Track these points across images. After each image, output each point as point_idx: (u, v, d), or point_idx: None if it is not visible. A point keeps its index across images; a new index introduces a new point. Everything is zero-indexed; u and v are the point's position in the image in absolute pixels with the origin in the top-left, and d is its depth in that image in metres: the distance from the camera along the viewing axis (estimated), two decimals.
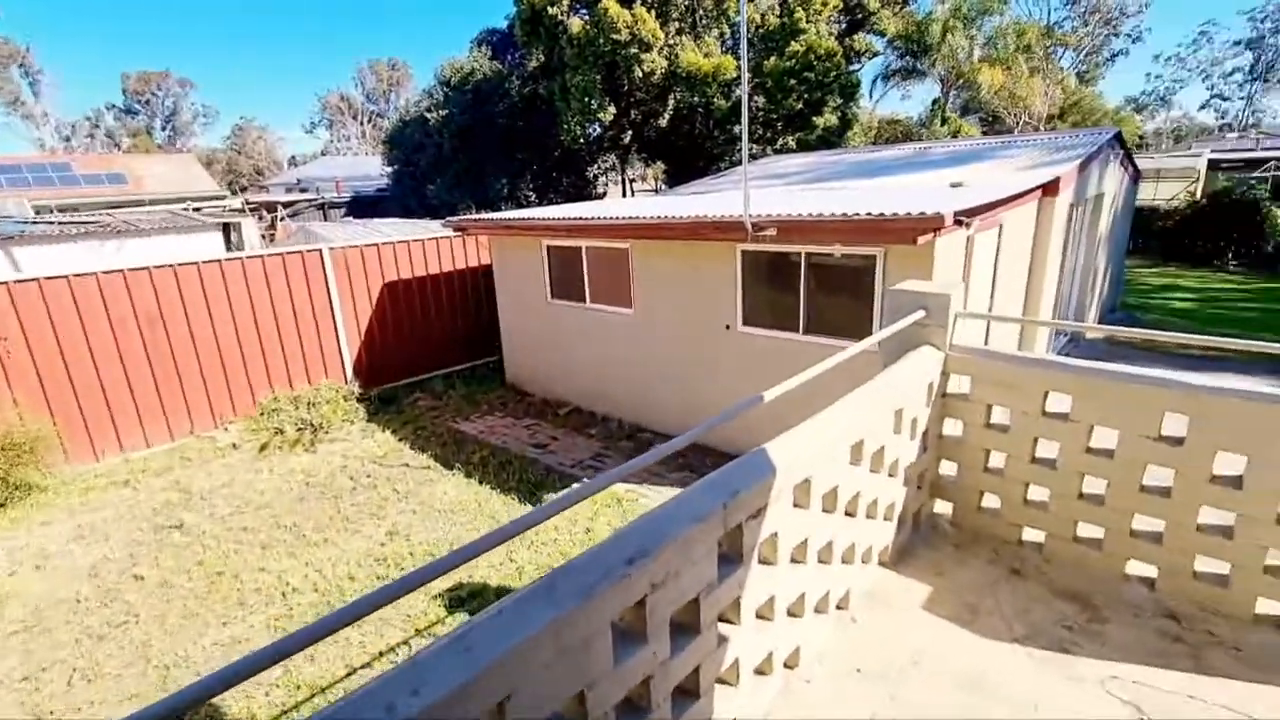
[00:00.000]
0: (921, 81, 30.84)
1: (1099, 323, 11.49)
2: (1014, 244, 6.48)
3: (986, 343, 6.34)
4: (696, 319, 6.45)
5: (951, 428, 2.81)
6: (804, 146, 22.59)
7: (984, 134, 28.68)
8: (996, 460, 2.71)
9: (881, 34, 25.98)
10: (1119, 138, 9.77)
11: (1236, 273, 18.17)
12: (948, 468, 2.87)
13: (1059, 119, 35.80)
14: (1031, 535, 2.67)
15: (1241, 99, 47.90)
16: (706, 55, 21.45)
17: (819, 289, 5.42)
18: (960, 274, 5.22)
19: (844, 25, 25.15)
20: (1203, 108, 49.82)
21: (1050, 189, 6.75)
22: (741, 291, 5.93)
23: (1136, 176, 12.74)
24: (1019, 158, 8.79)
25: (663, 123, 23.48)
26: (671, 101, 22.91)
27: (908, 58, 29.42)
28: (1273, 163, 28.17)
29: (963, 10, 27.08)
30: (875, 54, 28.01)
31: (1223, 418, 2.10)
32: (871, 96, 32.13)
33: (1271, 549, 2.12)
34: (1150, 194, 24.20)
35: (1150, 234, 20.45)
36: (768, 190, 9.01)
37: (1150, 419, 2.24)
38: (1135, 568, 2.43)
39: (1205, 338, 2.36)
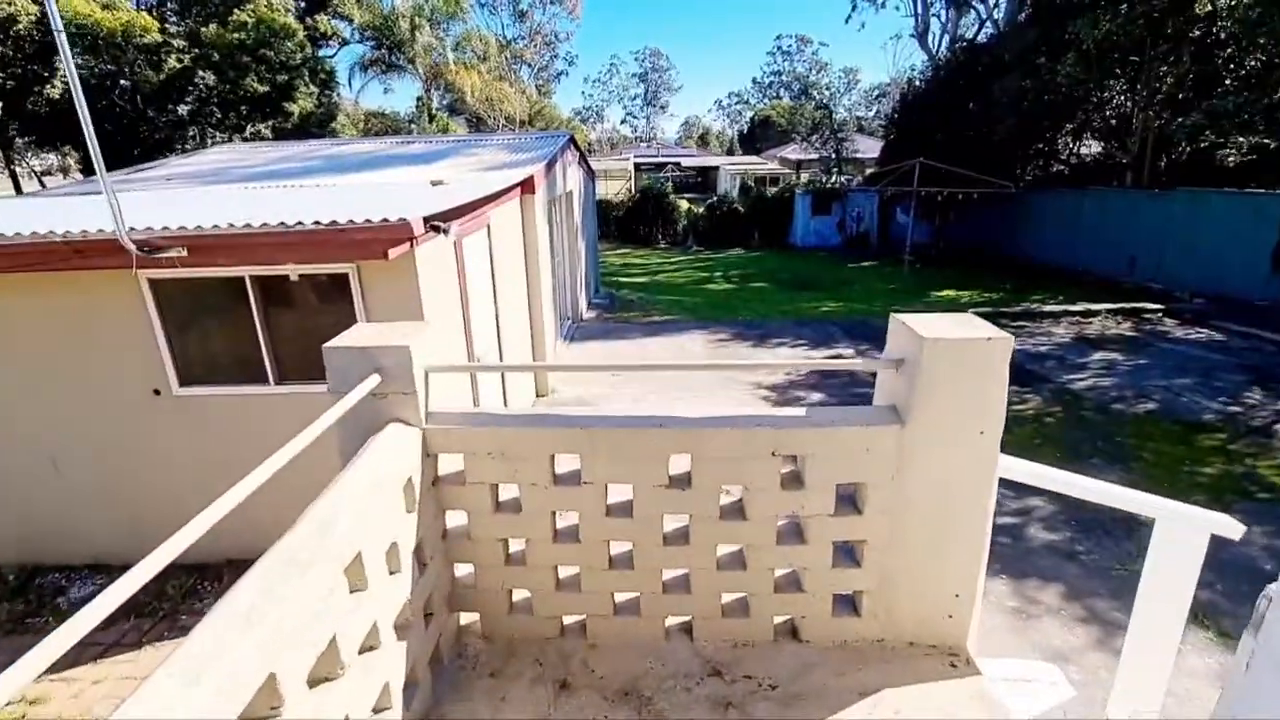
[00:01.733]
0: (402, 76, 30.54)
1: (589, 303, 13.20)
2: (506, 243, 6.35)
3: (502, 356, 6.13)
4: (99, 386, 4.25)
5: (457, 519, 2.07)
6: (281, 135, 19.58)
7: (470, 133, 30.30)
8: (517, 547, 2.10)
9: (348, 19, 24.39)
10: (573, 141, 11.06)
11: (664, 249, 23.89)
12: (465, 570, 2.14)
13: (530, 124, 40.93)
14: (573, 620, 2.18)
15: (644, 118, 63.99)
16: (106, 6, 16.13)
17: (286, 323, 4.10)
18: (456, 284, 4.65)
19: (303, 3, 22.56)
20: (623, 122, 64.65)
21: (528, 187, 6.87)
22: (167, 339, 4.08)
23: (592, 175, 15.00)
24: (494, 155, 8.95)
25: (55, 94, 16.91)
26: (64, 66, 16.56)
27: (384, 50, 28.57)
28: (670, 166, 38.21)
29: (426, 11, 27.60)
30: (345, 41, 26.29)
31: (716, 450, 1.88)
32: (352, 86, 30.27)
33: (776, 568, 2.06)
34: (604, 190, 29.82)
35: (609, 222, 25.09)
36: (212, 189, 6.88)
37: (658, 466, 1.90)
38: (674, 622, 2.16)
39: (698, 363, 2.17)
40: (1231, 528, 2.15)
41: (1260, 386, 7.69)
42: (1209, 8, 11.82)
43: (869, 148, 28.89)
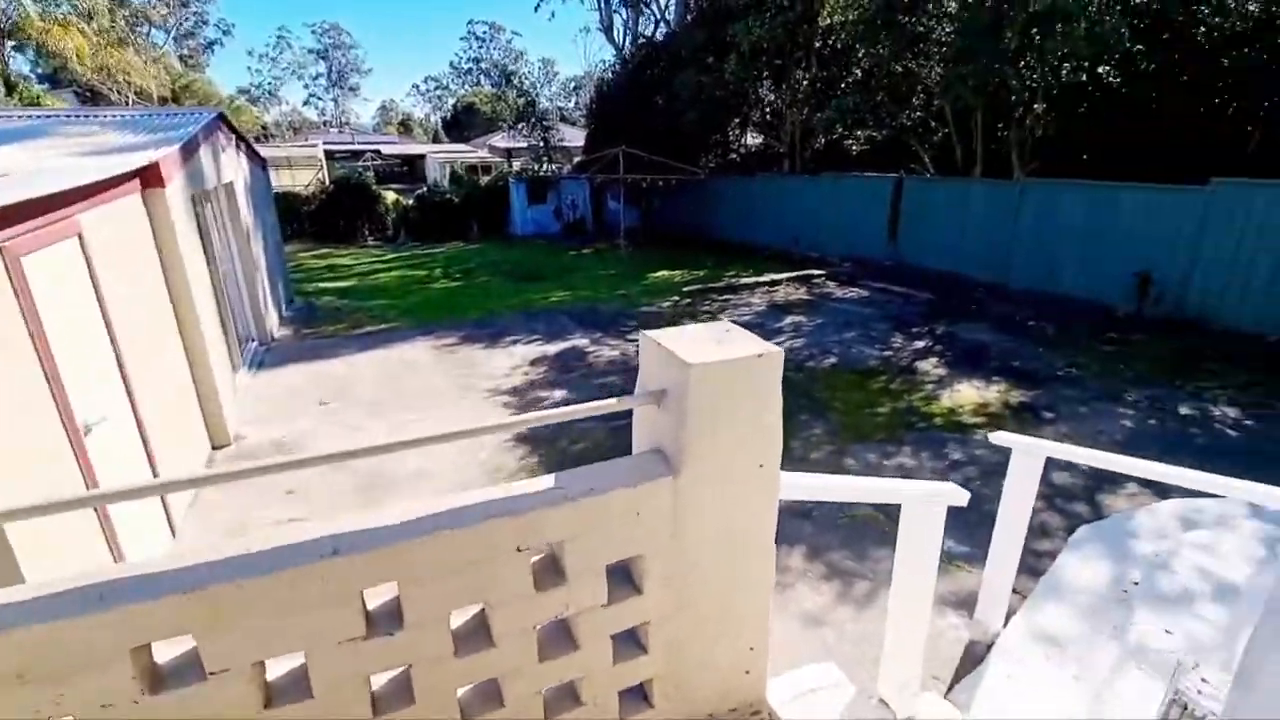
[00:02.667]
0: None
1: (281, 317, 11.01)
2: (123, 255, 4.65)
3: (136, 410, 4.38)
4: None
5: None
6: None
7: (77, 108, 23.41)
8: None
9: None
10: (226, 120, 8.90)
11: (374, 246, 21.51)
12: None
13: (176, 101, 33.40)
14: None
15: (332, 100, 57.06)
16: None
17: None
18: (22, 327, 3.10)
19: None
20: (306, 104, 56.81)
21: (153, 177, 5.16)
22: None
23: (264, 164, 12.50)
24: (102, 137, 6.68)
25: None
26: None
27: None
28: (369, 154, 34.69)
29: None
30: None
31: (435, 564, 1.27)
32: None
33: (543, 688, 1.53)
34: (290, 181, 25.67)
35: (300, 218, 21.67)
36: None
37: (344, 610, 1.22)
38: None
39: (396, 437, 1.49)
40: (960, 496, 2.25)
41: (899, 332, 9.59)
42: (829, 22, 14.42)
43: (575, 136, 29.75)
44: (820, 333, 9.71)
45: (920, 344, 8.98)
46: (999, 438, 3.29)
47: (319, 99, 56.06)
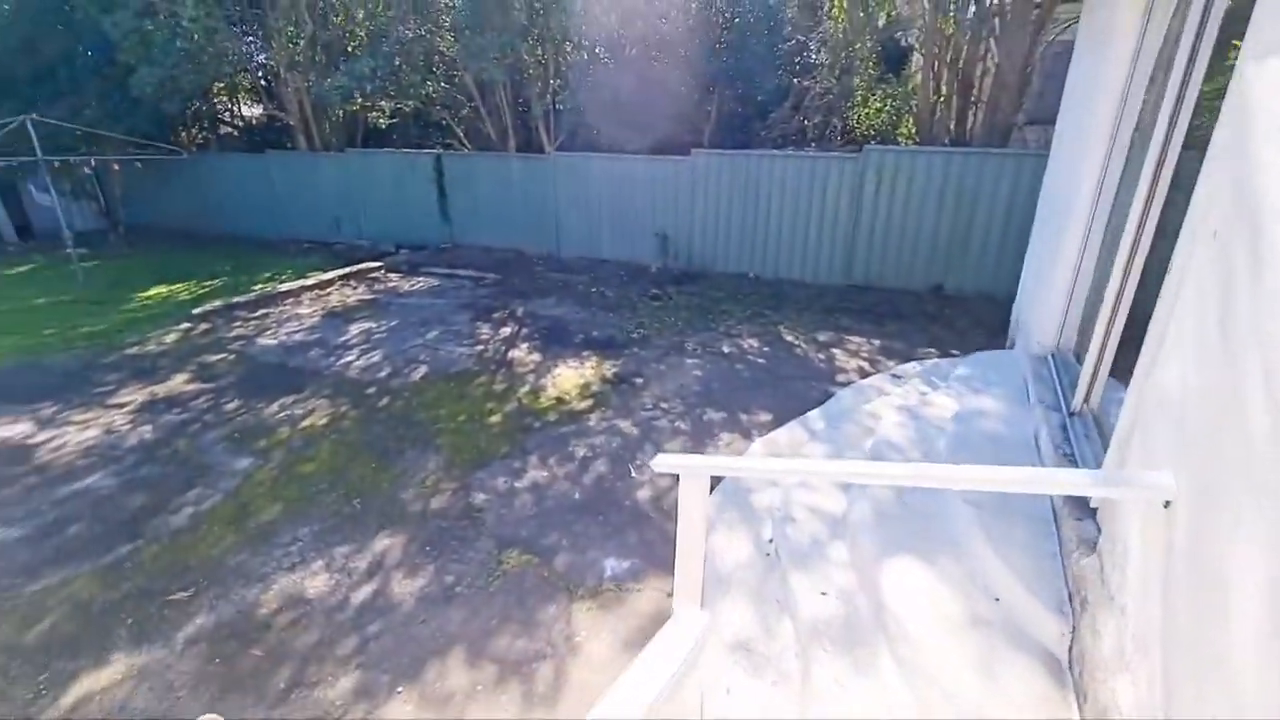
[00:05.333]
0: None
1: None
2: None
3: None
4: None
5: None
6: None
7: None
8: None
9: None
10: None
11: None
12: None
13: None
14: None
15: None
16: None
17: None
18: None
19: None
20: None
21: None
22: None
23: None
24: None
25: None
26: None
27: None
28: None
29: None
30: None
31: None
32: None
33: None
34: None
35: None
36: None
37: None
38: None
39: None
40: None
41: (481, 320, 8.98)
42: None
43: None
44: (398, 338, 8.37)
45: (506, 330, 8.56)
46: (660, 463, 2.84)
47: None
